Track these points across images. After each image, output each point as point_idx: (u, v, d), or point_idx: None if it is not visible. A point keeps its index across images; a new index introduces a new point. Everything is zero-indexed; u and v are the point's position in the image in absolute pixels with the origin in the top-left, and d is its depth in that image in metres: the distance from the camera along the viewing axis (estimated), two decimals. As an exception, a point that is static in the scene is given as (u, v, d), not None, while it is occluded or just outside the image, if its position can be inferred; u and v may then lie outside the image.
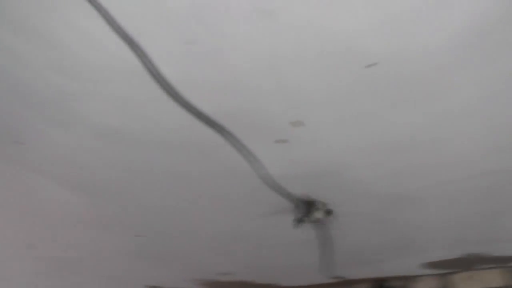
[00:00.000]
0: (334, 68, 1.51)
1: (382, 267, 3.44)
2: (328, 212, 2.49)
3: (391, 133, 1.89)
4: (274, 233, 2.87)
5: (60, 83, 1.62)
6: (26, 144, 2.03)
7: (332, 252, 3.06)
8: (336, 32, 1.38)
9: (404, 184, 2.23)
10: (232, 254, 3.28)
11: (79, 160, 2.13)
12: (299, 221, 2.49)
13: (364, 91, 1.63)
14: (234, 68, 1.52)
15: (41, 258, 3.51)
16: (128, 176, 2.26)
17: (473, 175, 2.15)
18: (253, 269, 3.63)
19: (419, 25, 1.35)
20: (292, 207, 2.46)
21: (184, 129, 1.85)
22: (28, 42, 1.46)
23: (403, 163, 2.09)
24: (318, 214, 2.45)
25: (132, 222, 2.81)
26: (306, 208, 2.46)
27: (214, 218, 2.70)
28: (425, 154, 2.02)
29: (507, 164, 2.07)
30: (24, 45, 1.47)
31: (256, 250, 3.18)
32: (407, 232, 2.80)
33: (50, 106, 1.77)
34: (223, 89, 1.63)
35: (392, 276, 3.62)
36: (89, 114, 1.81)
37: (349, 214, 2.58)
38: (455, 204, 2.41)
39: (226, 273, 3.70)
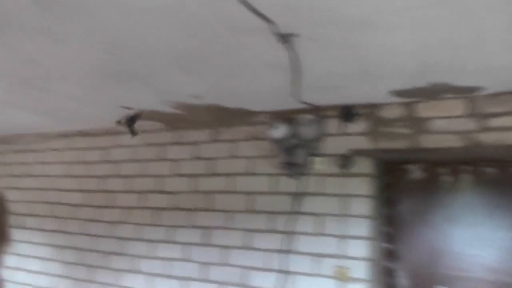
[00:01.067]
0: None
1: (349, 94, 3.49)
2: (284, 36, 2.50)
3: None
4: (243, 54, 2.84)
5: None
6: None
7: (301, 77, 3.08)
8: None
9: (366, 7, 2.16)
10: (202, 75, 3.28)
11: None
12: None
13: None
14: None
15: (4, 73, 3.50)
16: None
17: (434, 3, 2.10)
18: (223, 93, 3.68)
19: None
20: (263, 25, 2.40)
21: None
22: None
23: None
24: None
25: (100, 40, 2.76)
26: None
27: (182, 36, 2.64)
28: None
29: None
30: None
31: (225, 72, 3.18)
32: (371, 59, 2.78)
33: None
34: None
35: (359, 103, 3.70)
36: None
37: (313, 39, 2.54)
38: (418, 31, 2.37)
39: (196, 95, 3.76)
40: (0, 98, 4.27)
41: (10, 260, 5.66)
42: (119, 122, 4.50)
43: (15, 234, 5.61)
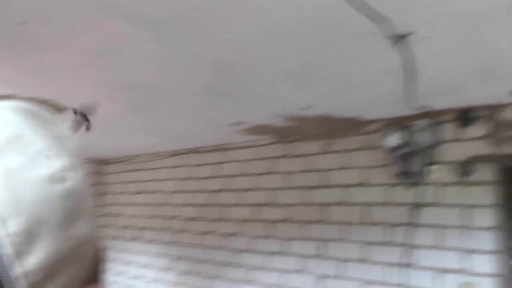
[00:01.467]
0: None
1: (467, 96, 3.31)
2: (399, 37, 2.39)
3: None
4: (355, 61, 2.78)
5: None
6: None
7: (416, 80, 2.96)
8: None
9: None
10: (312, 87, 3.26)
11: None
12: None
13: None
14: None
15: (120, 99, 3.66)
16: (200, 11, 2.21)
17: None
18: (334, 102, 3.63)
19: None
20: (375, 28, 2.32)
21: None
22: None
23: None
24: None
25: (208, 59, 2.83)
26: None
27: (292, 49, 2.64)
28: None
29: None
30: None
31: (336, 81, 3.13)
32: (493, 56, 2.62)
33: None
34: None
35: (478, 105, 3.49)
36: None
37: (428, 37, 2.43)
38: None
39: (307, 107, 3.74)
40: (117, 122, 4.50)
41: (131, 269, 6.00)
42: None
43: (135, 246, 5.98)
